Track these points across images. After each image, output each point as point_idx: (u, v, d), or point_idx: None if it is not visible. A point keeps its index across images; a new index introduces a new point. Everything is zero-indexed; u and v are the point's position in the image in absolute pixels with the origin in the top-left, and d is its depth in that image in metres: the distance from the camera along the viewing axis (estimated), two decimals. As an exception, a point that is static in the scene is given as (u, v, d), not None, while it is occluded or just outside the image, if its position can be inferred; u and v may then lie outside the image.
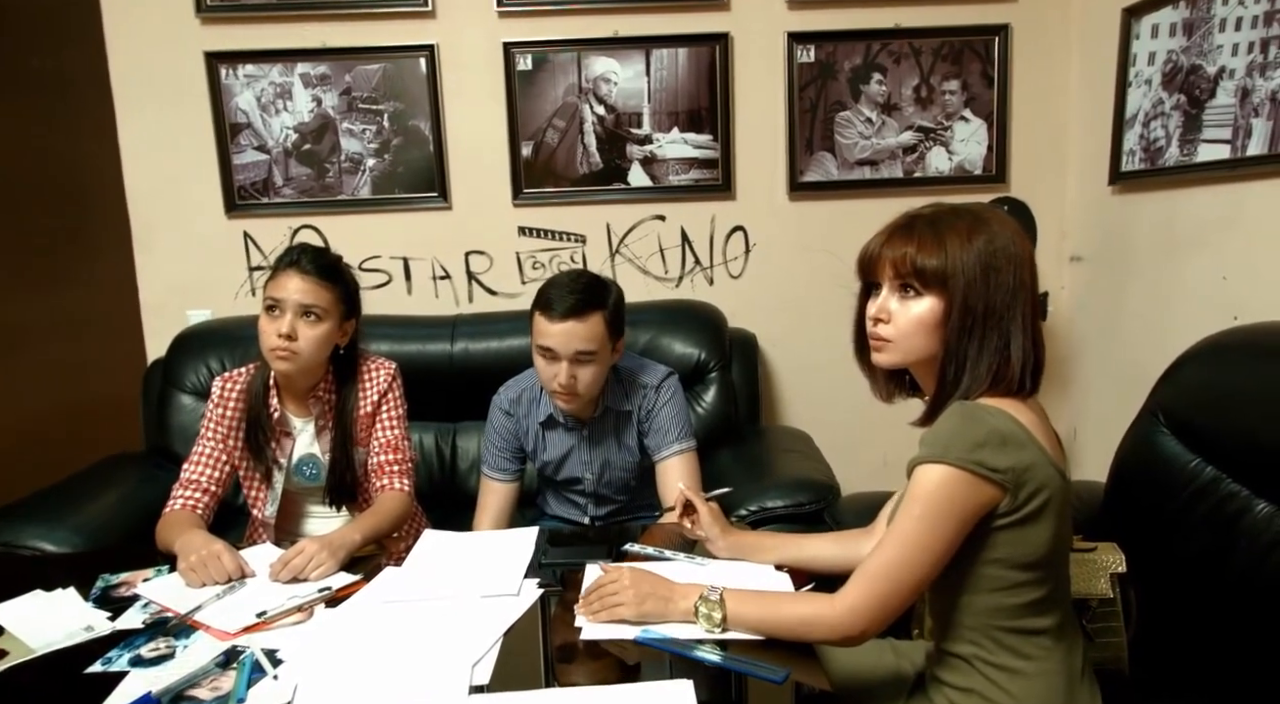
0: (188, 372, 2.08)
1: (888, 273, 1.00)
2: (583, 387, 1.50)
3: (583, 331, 1.47)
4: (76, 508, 1.76)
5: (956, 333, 0.96)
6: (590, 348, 1.48)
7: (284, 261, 1.44)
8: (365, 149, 2.24)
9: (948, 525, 0.92)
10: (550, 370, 1.50)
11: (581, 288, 1.50)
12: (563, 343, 1.46)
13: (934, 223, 0.99)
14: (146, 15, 2.18)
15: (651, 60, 2.22)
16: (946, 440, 0.92)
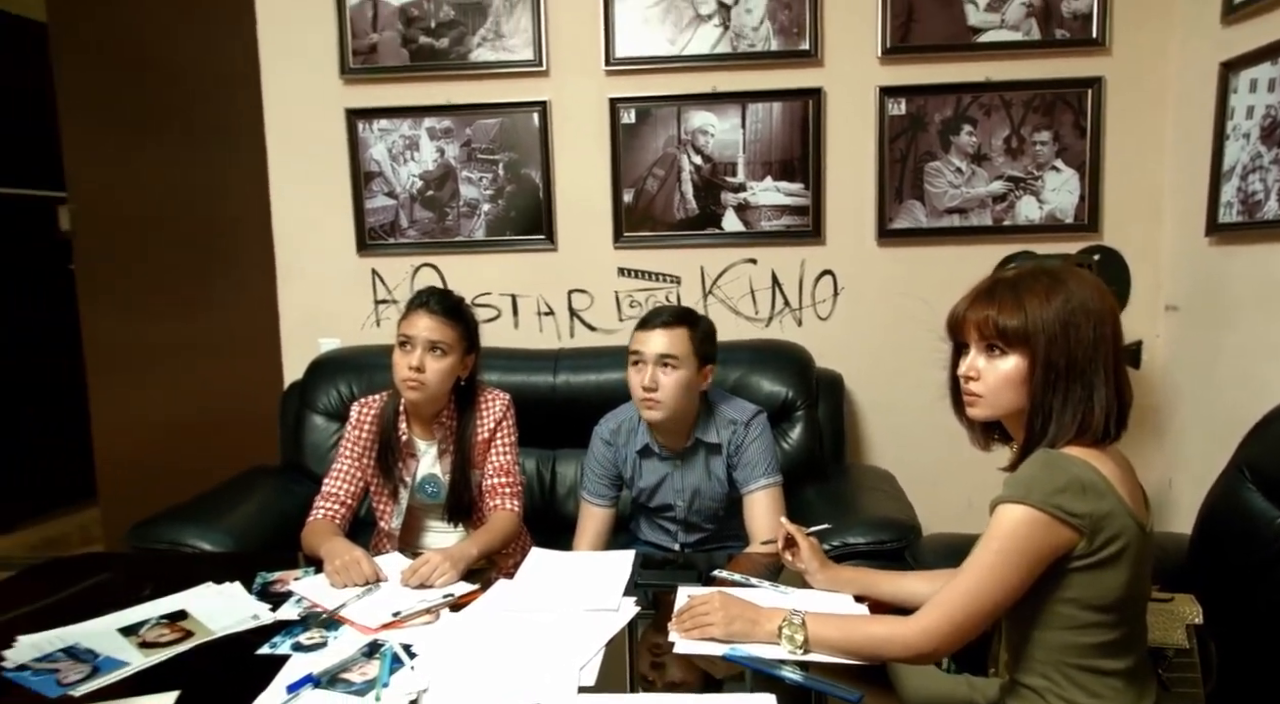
0: (320, 394, 2.31)
1: (974, 334, 1.09)
2: (664, 393, 1.63)
3: (667, 339, 1.63)
4: (226, 513, 1.98)
5: (1041, 387, 1.04)
6: (673, 353, 1.62)
7: (415, 302, 1.62)
8: (481, 195, 2.45)
9: (1022, 561, 1.00)
10: (636, 376, 1.66)
11: (674, 310, 1.70)
12: (648, 345, 1.64)
13: (1014, 285, 1.08)
14: (298, 75, 2.46)
15: (747, 114, 2.36)
16: (1028, 483, 1.00)
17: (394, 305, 2.51)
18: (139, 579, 1.50)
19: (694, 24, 2.33)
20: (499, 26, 2.37)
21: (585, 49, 2.36)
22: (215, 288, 2.75)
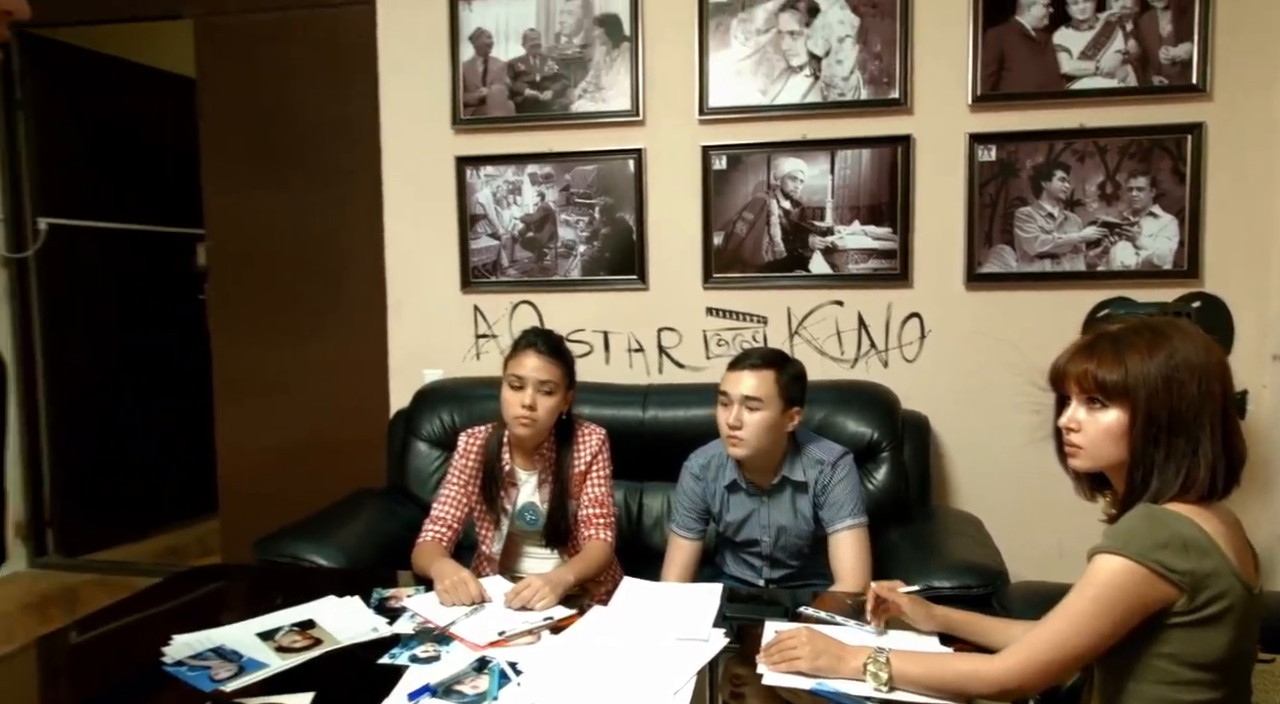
0: (424, 423, 2.46)
1: (1074, 387, 1.13)
2: (747, 432, 1.69)
3: (754, 381, 1.70)
4: (338, 531, 2.13)
5: (1141, 441, 1.06)
6: (756, 395, 1.69)
7: (523, 343, 1.74)
8: (578, 237, 2.59)
9: (1116, 612, 1.01)
10: (723, 414, 1.73)
11: (764, 352, 1.77)
12: (734, 387, 1.71)
13: (1116, 340, 1.10)
14: (414, 126, 2.66)
15: (836, 160, 2.43)
16: (1128, 535, 1.02)
17: (494, 340, 2.66)
18: (269, 589, 1.65)
19: (785, 75, 2.42)
20: (599, 79, 2.52)
21: (680, 100, 2.48)
22: (331, 320, 2.96)
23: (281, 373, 3.04)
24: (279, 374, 3.04)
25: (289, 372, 3.03)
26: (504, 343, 2.65)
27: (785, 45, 2.41)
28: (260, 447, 3.08)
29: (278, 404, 3.05)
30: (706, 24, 2.44)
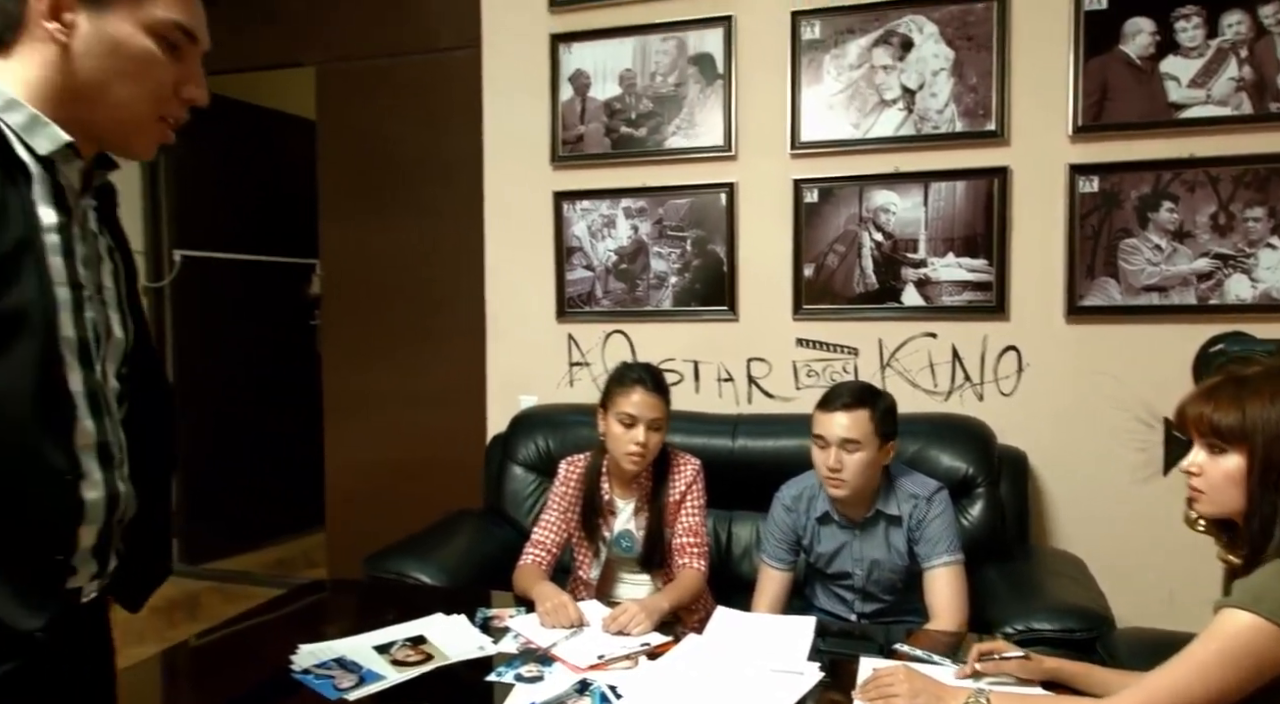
0: (520, 447, 2.56)
1: (1193, 431, 1.11)
2: (848, 473, 1.70)
3: (849, 422, 1.70)
4: (440, 550, 2.24)
5: (1259, 488, 1.04)
6: (854, 437, 1.69)
7: (632, 380, 1.79)
8: (670, 268, 2.65)
9: (1240, 670, 0.99)
10: (821, 457, 1.73)
11: (854, 389, 1.76)
12: (830, 429, 1.70)
13: (1240, 383, 1.09)
14: (515, 162, 2.79)
15: (930, 192, 2.42)
16: (1260, 592, 0.99)
17: (586, 368, 2.75)
18: (381, 604, 1.76)
19: (878, 109, 2.44)
20: (692, 116, 2.59)
21: (772, 135, 2.53)
22: (433, 346, 3.11)
23: (386, 395, 3.20)
24: (384, 396, 3.20)
25: (393, 394, 3.19)
26: (596, 371, 2.73)
27: (878, 80, 2.43)
28: (365, 464, 3.25)
29: (382, 424, 3.22)
30: (799, 60, 2.48)
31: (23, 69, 0.81)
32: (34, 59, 0.81)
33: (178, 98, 0.88)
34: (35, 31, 0.80)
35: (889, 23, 2.41)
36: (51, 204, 0.81)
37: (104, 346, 0.88)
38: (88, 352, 0.84)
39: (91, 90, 0.83)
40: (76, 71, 0.81)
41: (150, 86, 0.85)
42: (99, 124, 0.85)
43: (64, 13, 0.80)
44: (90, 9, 0.81)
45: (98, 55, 0.82)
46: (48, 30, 0.80)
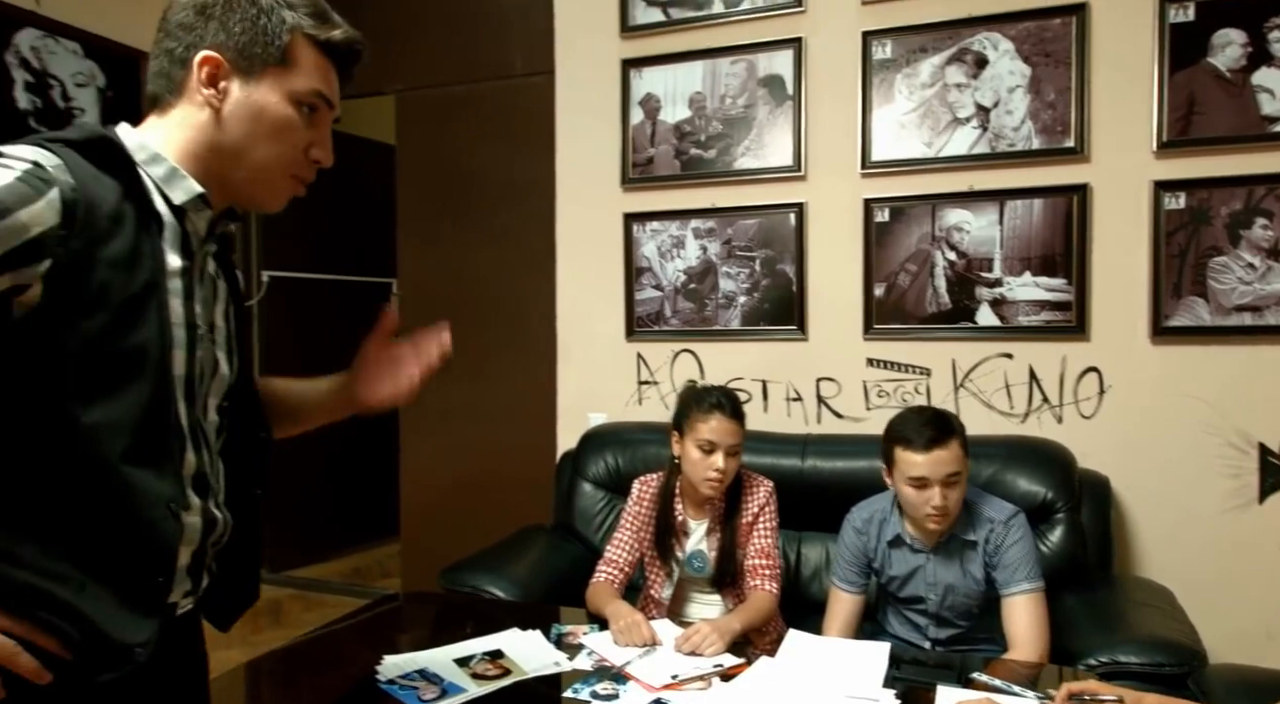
0: (590, 464, 2.60)
1: None
2: (953, 506, 1.68)
3: (948, 456, 1.66)
4: (512, 564, 2.29)
5: None
6: (957, 469, 1.67)
7: (709, 405, 1.80)
8: (738, 288, 2.67)
9: None
10: (922, 497, 1.68)
11: (935, 419, 1.72)
12: (934, 469, 1.66)
13: None
14: (586, 185, 2.85)
15: (1005, 210, 2.38)
16: None
17: (655, 386, 2.78)
18: (459, 617, 1.81)
19: (951, 127, 2.41)
20: (762, 137, 2.61)
21: (842, 154, 2.52)
22: (505, 363, 3.18)
23: (460, 410, 3.29)
24: (457, 412, 3.29)
25: (466, 410, 3.28)
26: (665, 390, 2.76)
27: (951, 98, 2.41)
28: (438, 478, 3.34)
29: (455, 439, 3.31)
30: (870, 80, 2.48)
31: (175, 128, 0.90)
32: (187, 120, 0.90)
33: (307, 158, 0.95)
34: (192, 96, 0.90)
35: (962, 41, 2.39)
36: (178, 250, 0.88)
37: (208, 383, 0.95)
38: (192, 388, 0.90)
39: (233, 150, 0.91)
40: (223, 133, 0.90)
41: (286, 148, 0.93)
42: (236, 180, 0.93)
43: (220, 81, 0.89)
44: (242, 78, 0.89)
45: (243, 119, 0.90)
46: (204, 96, 0.89)
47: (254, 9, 0.90)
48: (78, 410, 0.77)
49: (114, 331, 0.78)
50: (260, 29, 0.89)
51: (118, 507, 0.81)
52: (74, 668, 0.79)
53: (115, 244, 0.78)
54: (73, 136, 0.81)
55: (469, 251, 3.22)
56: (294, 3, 0.92)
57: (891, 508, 1.81)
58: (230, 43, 0.89)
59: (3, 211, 0.70)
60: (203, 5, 0.89)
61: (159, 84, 0.91)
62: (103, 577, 0.81)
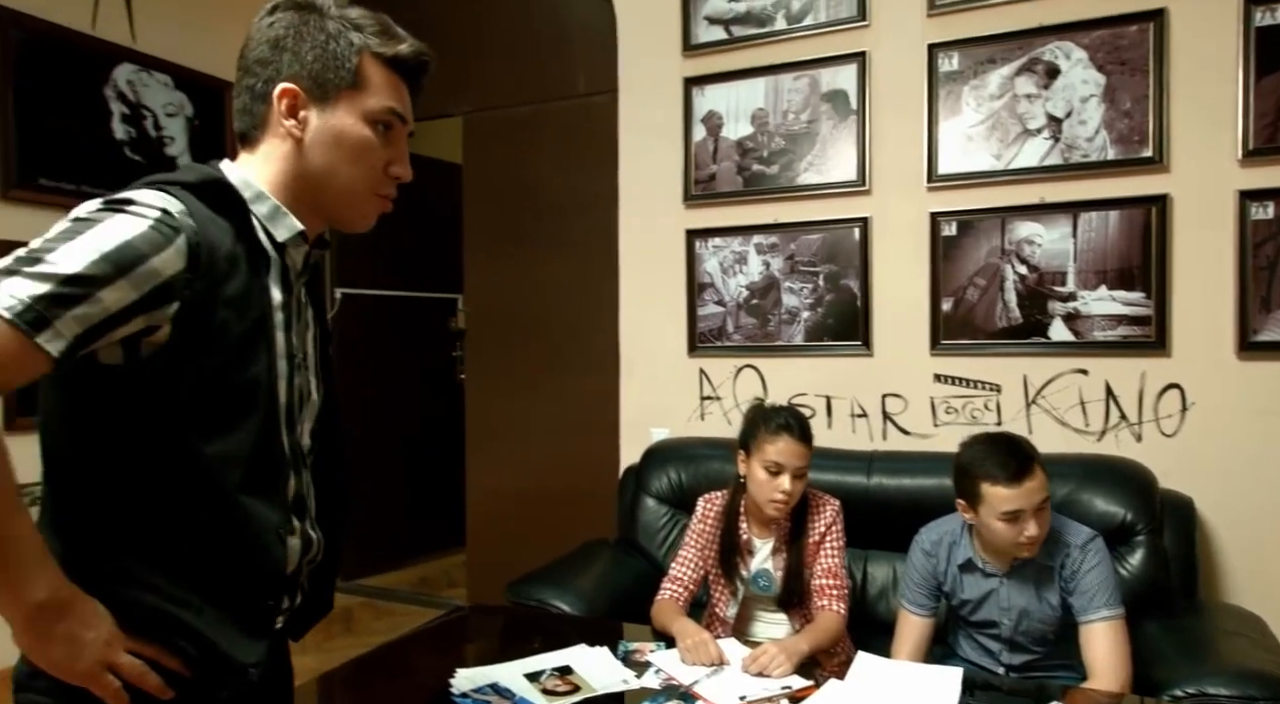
0: (653, 479, 2.61)
1: None
2: (1041, 533, 1.64)
3: (1036, 485, 1.63)
4: (577, 578, 2.31)
5: None
6: (1047, 495, 1.64)
7: (776, 426, 1.80)
8: (802, 303, 2.66)
9: None
10: (1015, 529, 1.63)
11: (1014, 449, 1.67)
12: (1027, 500, 1.61)
13: None
14: (649, 202, 2.88)
15: (1079, 222, 2.32)
16: None
17: (718, 401, 2.78)
18: (527, 632, 1.84)
19: (1021, 139, 2.37)
20: (825, 152, 2.60)
21: (907, 168, 2.50)
22: (569, 377, 3.23)
23: (524, 423, 3.35)
24: (522, 424, 3.35)
25: (530, 423, 3.34)
26: (727, 405, 2.76)
27: (1021, 109, 2.36)
28: (503, 490, 3.40)
29: (520, 452, 3.36)
30: (936, 93, 2.45)
31: (265, 162, 0.94)
32: (273, 152, 0.93)
33: (388, 175, 0.98)
34: (275, 129, 0.93)
35: (1033, 50, 2.34)
36: (279, 284, 0.93)
37: (305, 409, 0.99)
38: (292, 416, 0.95)
39: (320, 176, 0.94)
40: (308, 162, 0.93)
41: (367, 169, 0.95)
42: (326, 206, 0.96)
43: (300, 111, 0.92)
44: (319, 105, 0.92)
45: (325, 146, 0.93)
46: (286, 127, 0.92)
47: (322, 35, 0.91)
48: (200, 443, 0.82)
49: (231, 367, 0.83)
50: (330, 54, 0.91)
51: (236, 534, 0.86)
52: (194, 687, 0.84)
53: (232, 284, 0.82)
54: (188, 179, 0.85)
55: (533, 267, 3.29)
56: (360, 24, 0.93)
57: (962, 531, 1.78)
58: (304, 72, 0.91)
59: (139, 259, 0.74)
60: (276, 39, 0.91)
61: (244, 121, 0.94)
62: (220, 601, 0.86)
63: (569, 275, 3.20)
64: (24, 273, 0.69)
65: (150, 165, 3.09)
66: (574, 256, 3.19)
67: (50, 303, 0.68)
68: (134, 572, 0.81)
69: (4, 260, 0.71)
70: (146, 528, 0.82)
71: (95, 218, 0.75)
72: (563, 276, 3.22)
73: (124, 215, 0.76)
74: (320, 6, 0.93)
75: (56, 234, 0.74)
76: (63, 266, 0.70)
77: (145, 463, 0.81)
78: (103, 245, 0.73)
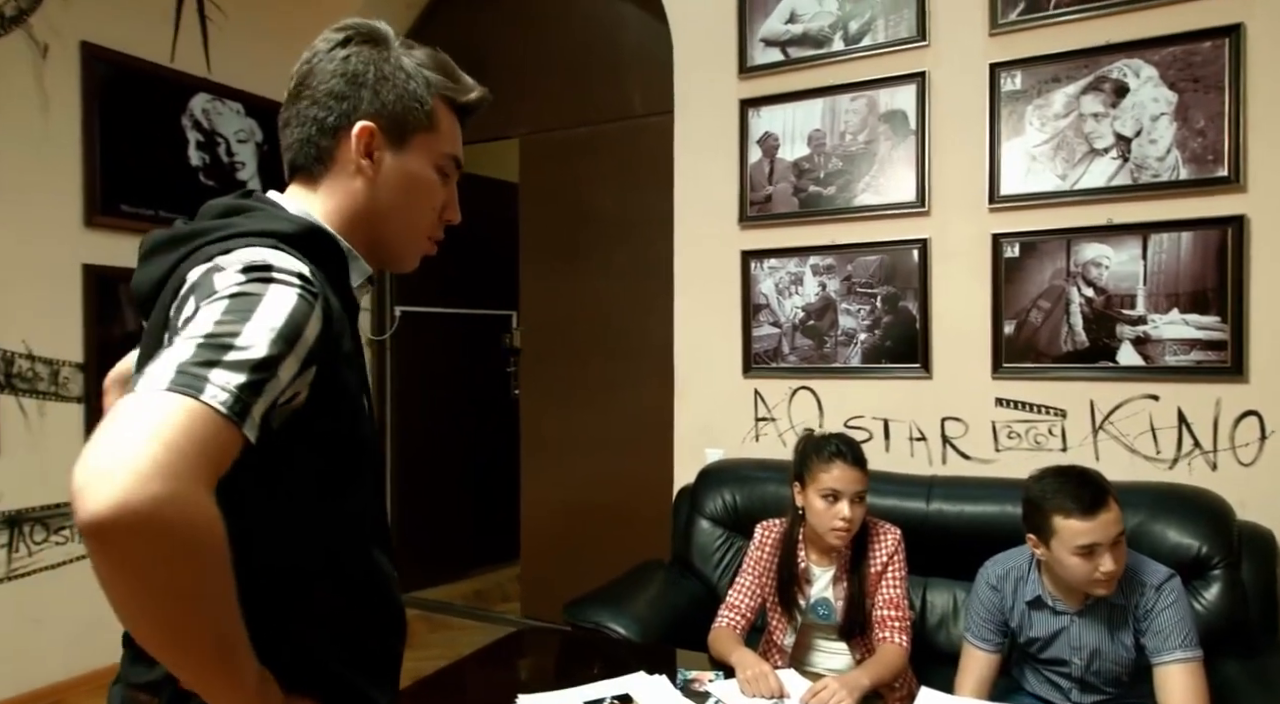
0: (708, 501, 2.60)
1: None
2: (1119, 569, 1.59)
3: (1112, 517, 1.59)
4: (633, 600, 2.32)
5: None
6: (1122, 529, 1.60)
7: (829, 453, 1.79)
8: (859, 325, 2.63)
9: None
10: (1091, 564, 1.58)
11: (1087, 480, 1.63)
12: (1103, 533, 1.57)
13: None
14: (704, 223, 2.88)
15: (1149, 244, 2.26)
16: None
17: (773, 423, 2.77)
18: (583, 656, 1.86)
19: (1088, 158, 2.31)
20: (883, 173, 2.58)
21: (968, 189, 2.46)
22: (622, 395, 3.25)
23: (578, 440, 3.38)
24: (576, 441, 3.38)
25: (584, 440, 3.37)
26: (782, 426, 2.75)
27: (1088, 128, 2.31)
28: (557, 505, 3.43)
29: (574, 468, 3.40)
30: (998, 113, 2.41)
31: (328, 198, 0.91)
32: (339, 189, 0.91)
33: (440, 218, 0.98)
34: (345, 165, 0.90)
35: (1100, 68, 2.29)
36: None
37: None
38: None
39: (383, 216, 0.93)
40: (376, 201, 0.91)
41: (427, 211, 0.96)
42: (383, 244, 0.95)
43: (374, 150, 0.90)
44: (394, 146, 0.91)
45: (394, 187, 0.92)
46: (359, 166, 0.90)
47: (403, 74, 0.90)
48: (337, 500, 0.82)
49: (352, 422, 0.83)
50: (410, 95, 0.90)
51: (373, 586, 0.87)
52: None
53: (346, 340, 0.82)
54: (291, 231, 0.82)
55: (588, 286, 3.32)
56: (431, 66, 0.93)
57: (1030, 566, 1.73)
58: (384, 111, 0.89)
59: (300, 330, 0.72)
60: (354, 74, 0.88)
61: (306, 153, 0.90)
62: (365, 651, 0.88)
63: (623, 294, 3.23)
64: (223, 362, 0.66)
65: (222, 190, 3.19)
66: (628, 275, 3.21)
67: (249, 390, 0.66)
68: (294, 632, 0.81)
69: (190, 348, 0.67)
70: (301, 589, 0.82)
71: (254, 291, 0.72)
72: (617, 295, 3.25)
73: (276, 286, 0.73)
74: (391, 42, 0.92)
75: (228, 314, 0.70)
76: (251, 351, 0.68)
77: (295, 525, 0.80)
78: (274, 322, 0.70)
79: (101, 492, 0.58)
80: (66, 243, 2.81)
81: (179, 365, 0.65)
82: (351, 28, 0.91)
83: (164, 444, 0.60)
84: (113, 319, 2.90)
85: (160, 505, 0.58)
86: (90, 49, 2.81)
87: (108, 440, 0.60)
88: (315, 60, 0.90)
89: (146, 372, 0.66)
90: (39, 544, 2.76)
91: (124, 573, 0.61)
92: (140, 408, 0.62)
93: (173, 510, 0.59)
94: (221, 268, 0.75)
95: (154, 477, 0.59)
